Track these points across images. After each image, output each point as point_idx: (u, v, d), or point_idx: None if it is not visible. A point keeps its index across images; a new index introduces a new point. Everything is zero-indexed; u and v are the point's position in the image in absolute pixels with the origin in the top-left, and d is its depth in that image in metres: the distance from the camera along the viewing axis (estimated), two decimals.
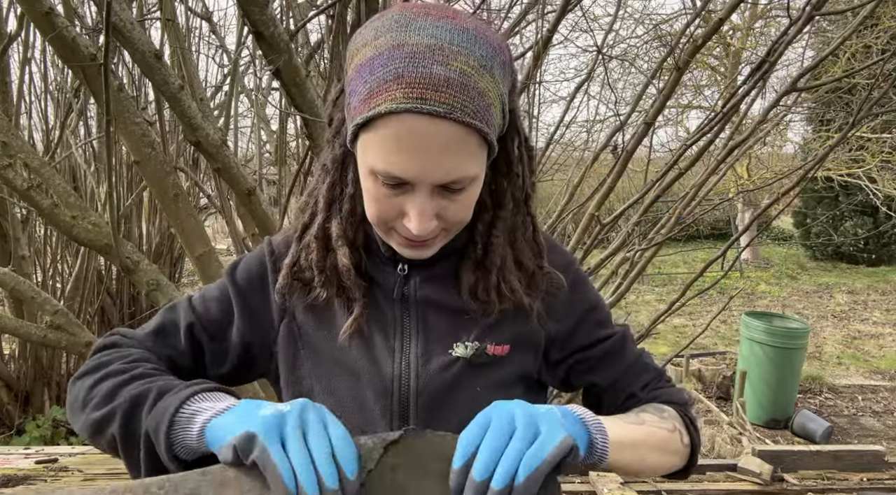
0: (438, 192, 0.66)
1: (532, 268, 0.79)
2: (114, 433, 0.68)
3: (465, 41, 0.62)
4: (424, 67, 0.60)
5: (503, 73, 0.66)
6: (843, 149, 7.44)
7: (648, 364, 0.89)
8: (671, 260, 9.61)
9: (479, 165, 0.67)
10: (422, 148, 0.62)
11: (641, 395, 0.85)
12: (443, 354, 0.76)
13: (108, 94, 1.49)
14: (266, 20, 1.67)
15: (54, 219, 2.08)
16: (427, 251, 0.73)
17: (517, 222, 0.78)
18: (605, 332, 0.86)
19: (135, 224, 4.54)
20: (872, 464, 1.71)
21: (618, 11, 3.62)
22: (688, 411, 0.85)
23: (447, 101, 0.60)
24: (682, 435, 0.80)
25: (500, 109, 0.66)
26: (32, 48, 3.28)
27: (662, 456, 0.77)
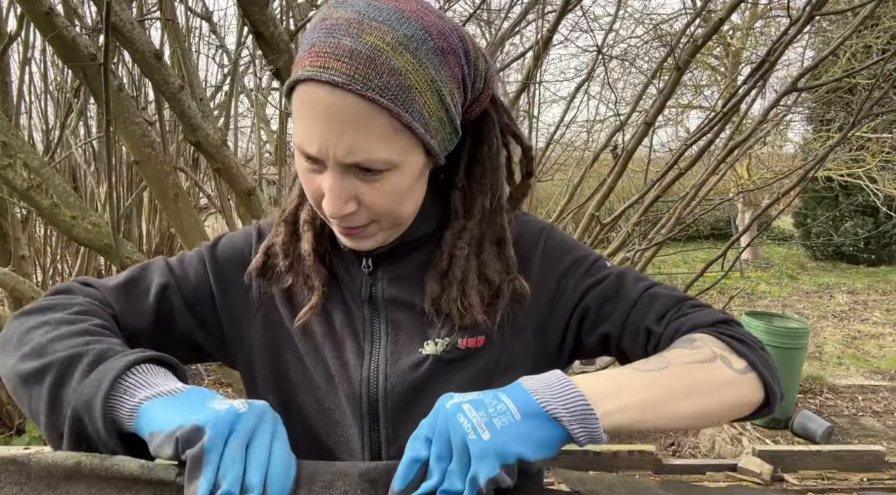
0: (353, 173, 0.64)
1: (498, 281, 0.74)
2: (39, 392, 0.62)
3: (391, 19, 0.60)
4: (335, 38, 0.60)
5: (438, 60, 0.62)
6: (843, 149, 7.44)
7: (660, 292, 0.76)
8: (671, 260, 9.60)
9: (394, 151, 0.63)
10: (322, 118, 0.61)
11: (658, 329, 0.72)
12: (413, 353, 0.75)
13: (108, 94, 1.49)
14: (266, 20, 1.67)
15: (54, 219, 2.08)
16: (363, 242, 0.72)
17: (485, 233, 0.75)
18: (596, 278, 0.77)
19: (135, 224, 4.54)
20: (872, 464, 1.71)
21: (618, 11, 3.62)
22: (727, 329, 0.70)
23: (348, 72, 0.59)
24: (730, 360, 0.66)
25: (433, 98, 0.63)
26: (32, 48, 3.28)
27: (708, 397, 0.64)
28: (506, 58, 4.08)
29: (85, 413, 0.58)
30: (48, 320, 0.68)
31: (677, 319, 0.72)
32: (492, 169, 0.74)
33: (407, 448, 0.57)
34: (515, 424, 0.55)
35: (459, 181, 0.74)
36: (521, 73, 4.20)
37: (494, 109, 0.75)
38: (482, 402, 0.56)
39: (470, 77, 0.67)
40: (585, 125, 6.01)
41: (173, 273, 0.80)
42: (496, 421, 0.54)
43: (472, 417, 0.55)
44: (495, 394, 0.57)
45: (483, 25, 4.45)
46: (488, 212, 0.75)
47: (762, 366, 0.68)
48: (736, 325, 0.72)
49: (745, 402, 0.67)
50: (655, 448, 1.64)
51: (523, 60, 3.81)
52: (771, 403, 0.69)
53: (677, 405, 0.62)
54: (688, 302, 0.75)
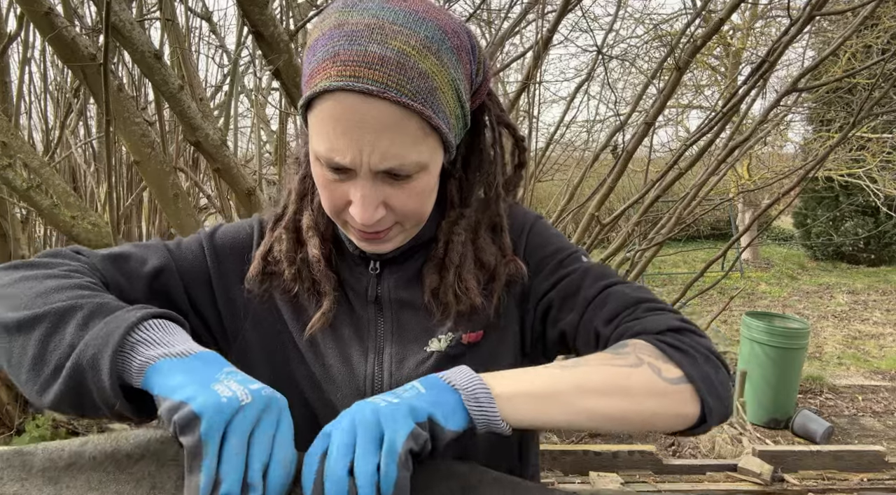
0: (382, 179, 0.64)
1: (493, 264, 0.75)
2: (26, 342, 0.58)
3: (409, 21, 0.60)
4: (360, 45, 0.59)
5: (455, 58, 0.63)
6: (843, 149, 7.44)
7: (618, 292, 0.72)
8: (671, 260, 9.61)
9: (424, 153, 0.64)
10: (356, 128, 0.60)
11: (606, 331, 0.70)
12: (418, 352, 0.75)
13: (107, 94, 1.49)
14: (266, 20, 1.67)
15: (54, 219, 2.08)
16: (384, 245, 0.71)
17: (482, 220, 0.76)
18: (564, 271, 0.76)
19: (135, 224, 4.54)
20: (873, 464, 1.71)
21: (618, 11, 3.62)
22: (673, 338, 0.66)
23: (381, 79, 0.58)
24: (660, 368, 0.63)
25: (453, 96, 0.64)
26: (32, 48, 3.28)
27: (624, 401, 0.61)
28: (506, 58, 4.08)
29: (90, 365, 0.55)
30: (37, 275, 0.65)
31: (627, 322, 0.69)
32: (488, 158, 0.75)
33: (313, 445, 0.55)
34: (420, 395, 0.56)
35: (456, 171, 0.75)
36: (521, 73, 4.20)
37: (490, 101, 0.76)
38: (391, 392, 0.58)
39: (476, 72, 0.69)
40: (585, 125, 6.01)
41: (172, 255, 0.78)
42: (404, 395, 0.57)
43: (379, 398, 0.56)
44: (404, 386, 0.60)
45: (483, 25, 4.45)
46: (484, 200, 0.76)
47: (700, 379, 0.63)
48: (690, 334, 0.68)
49: (672, 414, 0.63)
50: (655, 448, 1.64)
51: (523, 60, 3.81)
52: (708, 420, 0.64)
53: (585, 401, 0.60)
54: (644, 304, 0.71)
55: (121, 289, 0.73)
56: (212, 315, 0.80)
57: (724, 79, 8.23)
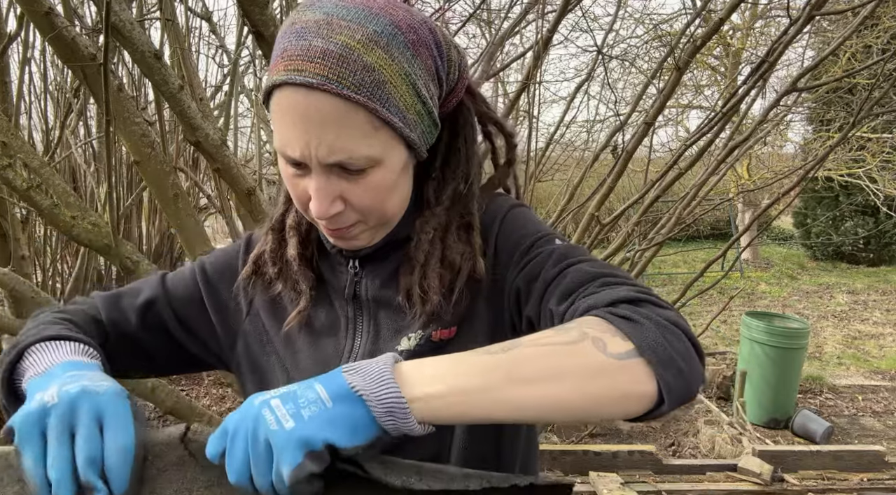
0: (337, 173, 0.64)
1: (459, 262, 0.72)
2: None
3: (359, 17, 0.61)
4: (306, 40, 0.60)
5: (410, 53, 0.63)
6: (843, 149, 7.44)
7: (575, 269, 0.66)
8: (671, 260, 9.60)
9: (375, 147, 0.63)
10: (301, 121, 0.61)
11: (558, 310, 0.64)
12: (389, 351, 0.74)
13: (107, 94, 1.49)
14: (266, 20, 1.67)
15: (54, 219, 2.08)
16: (352, 242, 0.73)
17: (452, 219, 0.74)
18: (531, 255, 0.71)
19: (135, 224, 4.54)
20: (872, 464, 1.71)
21: (618, 11, 3.62)
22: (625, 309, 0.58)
23: (322, 72, 0.59)
24: (606, 342, 0.54)
25: (408, 91, 0.63)
26: (32, 48, 3.28)
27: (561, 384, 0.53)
28: (506, 58, 4.08)
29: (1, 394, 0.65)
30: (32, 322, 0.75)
31: (581, 299, 0.62)
32: (467, 158, 0.74)
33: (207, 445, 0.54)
34: (325, 411, 0.51)
35: (434, 172, 0.74)
36: (521, 73, 4.20)
37: (471, 99, 0.75)
38: (293, 394, 0.53)
39: (444, 68, 0.68)
40: (585, 125, 6.02)
41: (165, 288, 0.84)
42: (304, 412, 0.51)
43: (277, 410, 0.51)
44: (310, 384, 0.54)
45: (483, 25, 4.46)
46: (458, 199, 0.75)
47: (653, 351, 0.54)
48: (647, 304, 0.59)
49: (619, 395, 0.54)
50: (655, 448, 1.64)
51: (523, 60, 3.81)
52: (666, 400, 0.54)
53: (515, 392, 0.53)
54: (600, 279, 0.64)
55: (117, 322, 0.81)
56: (210, 339, 0.84)
57: (724, 79, 8.23)
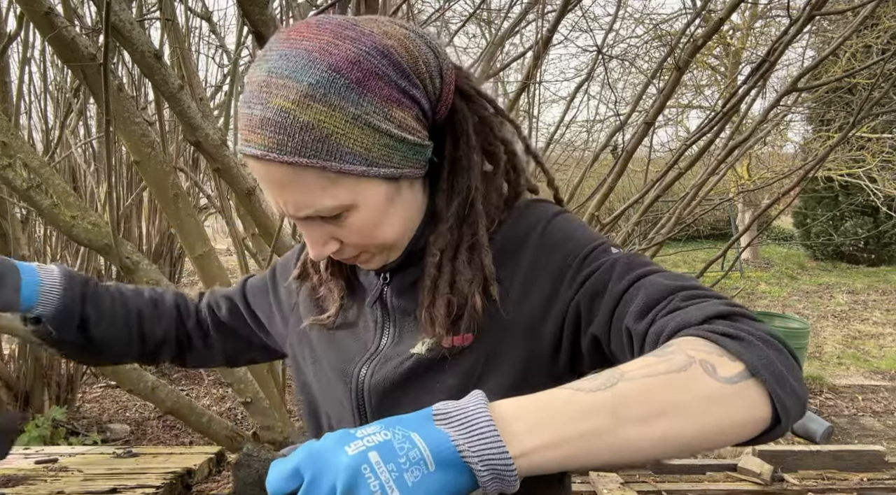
0: (322, 221, 0.67)
1: (467, 293, 0.69)
2: None
3: (296, 70, 0.59)
4: (250, 108, 0.61)
5: (356, 92, 0.60)
6: (843, 149, 7.44)
7: (650, 282, 0.62)
8: (671, 260, 9.60)
9: (340, 196, 0.63)
10: (266, 185, 0.65)
11: (639, 328, 0.59)
12: (403, 354, 0.75)
13: (107, 94, 1.49)
14: (266, 20, 1.67)
15: (54, 219, 2.08)
16: (368, 265, 0.76)
17: (462, 237, 0.72)
18: (590, 268, 0.67)
19: (135, 224, 4.54)
20: (872, 464, 1.71)
21: (618, 11, 3.62)
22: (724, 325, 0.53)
23: (263, 143, 0.60)
24: (715, 365, 0.50)
25: (363, 132, 0.61)
26: (32, 48, 3.28)
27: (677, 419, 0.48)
28: (506, 58, 4.08)
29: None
30: None
31: (663, 316, 0.58)
32: (468, 169, 0.71)
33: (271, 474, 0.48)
34: (428, 477, 0.45)
35: (443, 183, 0.73)
36: (521, 73, 4.20)
37: (466, 103, 0.71)
38: (391, 448, 0.45)
39: (414, 85, 0.64)
40: (585, 125, 6.01)
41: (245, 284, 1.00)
42: (407, 476, 0.44)
43: (378, 470, 0.44)
44: (405, 432, 0.46)
45: (483, 25, 4.46)
46: (464, 216, 0.72)
47: (767, 369, 0.50)
48: (742, 318, 0.55)
49: (739, 423, 0.50)
50: None
51: (523, 60, 3.81)
52: (782, 421, 0.50)
53: (625, 435, 0.48)
54: (681, 293, 0.60)
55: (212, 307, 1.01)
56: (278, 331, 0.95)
57: (724, 79, 8.23)
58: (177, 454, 1.30)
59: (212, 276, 2.27)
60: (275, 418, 2.45)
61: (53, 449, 1.71)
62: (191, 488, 1.30)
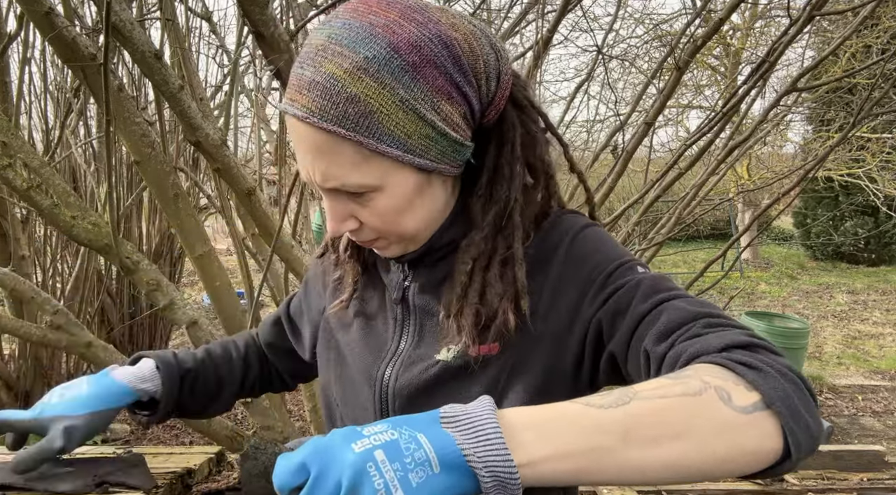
0: (345, 195, 0.66)
1: (497, 306, 0.68)
2: None
3: (354, 41, 0.59)
4: (302, 69, 0.61)
5: (409, 76, 0.60)
6: (843, 149, 7.44)
7: (673, 306, 0.61)
8: (671, 260, 9.60)
9: (369, 176, 0.63)
10: (300, 149, 0.64)
11: (657, 351, 0.58)
12: (428, 359, 0.74)
13: (107, 94, 1.49)
14: (266, 20, 1.67)
15: (54, 219, 2.08)
16: (384, 252, 0.76)
17: (496, 249, 0.70)
18: (615, 286, 0.66)
19: (135, 224, 4.54)
20: (872, 464, 1.71)
21: (618, 11, 3.62)
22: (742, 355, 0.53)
23: (307, 105, 0.60)
24: (731, 393, 0.49)
25: (406, 117, 0.61)
26: (32, 48, 3.28)
27: (686, 443, 0.48)
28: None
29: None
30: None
31: (683, 341, 0.58)
32: (509, 179, 0.70)
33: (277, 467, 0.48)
34: (433, 478, 0.45)
35: (480, 188, 0.71)
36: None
37: (517, 112, 0.71)
38: (396, 446, 0.45)
39: (469, 82, 0.64)
40: (585, 125, 6.01)
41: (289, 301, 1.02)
42: (412, 477, 0.44)
43: (384, 469, 0.44)
44: (412, 432, 0.47)
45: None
46: (500, 226, 0.71)
47: (781, 402, 0.49)
48: (763, 350, 0.55)
49: (749, 452, 0.49)
50: None
51: (523, 60, 3.81)
52: (792, 456, 0.49)
53: (635, 454, 0.47)
54: (703, 320, 0.59)
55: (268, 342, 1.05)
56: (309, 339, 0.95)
57: (724, 79, 8.22)
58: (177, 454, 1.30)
59: (212, 276, 2.27)
60: (275, 418, 2.45)
61: None
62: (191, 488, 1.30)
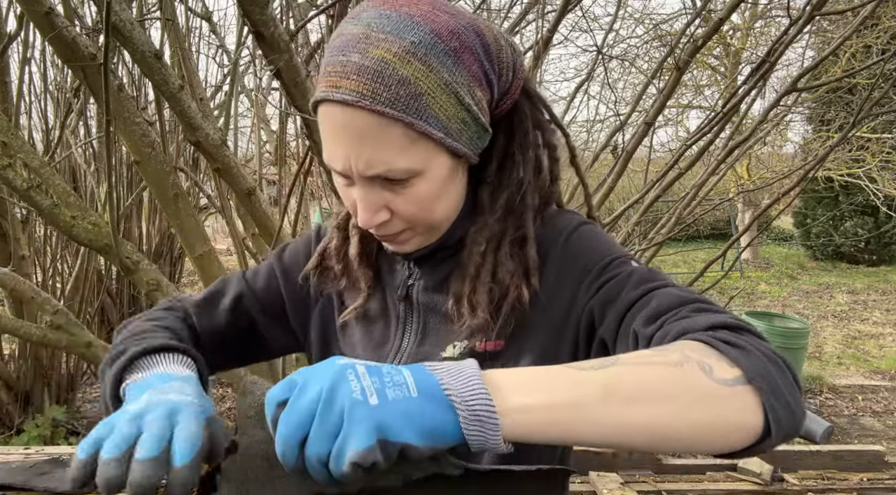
0: (380, 184, 0.65)
1: (507, 283, 0.71)
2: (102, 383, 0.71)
3: (398, 27, 0.61)
4: (344, 55, 0.61)
5: (452, 61, 0.62)
6: (843, 149, 7.44)
7: (663, 292, 0.64)
8: (671, 260, 9.60)
9: (414, 160, 0.63)
10: (341, 137, 0.63)
11: (645, 332, 0.61)
12: (433, 357, 0.74)
13: (107, 94, 1.49)
14: (266, 20, 1.67)
15: (54, 219, 2.08)
16: (403, 246, 0.74)
17: (506, 230, 0.72)
18: (607, 277, 0.69)
19: (135, 224, 4.54)
20: (872, 464, 1.71)
21: (618, 11, 3.62)
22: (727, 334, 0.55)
23: (357, 89, 0.60)
24: (712, 367, 0.51)
25: (449, 100, 0.63)
26: (32, 48, 3.28)
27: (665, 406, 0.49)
28: None
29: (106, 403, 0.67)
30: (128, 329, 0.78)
31: (672, 322, 0.60)
32: (522, 163, 0.73)
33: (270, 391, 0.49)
34: (409, 399, 0.46)
35: (489, 176, 0.73)
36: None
37: (528, 102, 0.74)
38: (378, 369, 0.48)
39: (493, 71, 0.66)
40: (585, 125, 6.01)
41: (247, 282, 0.88)
42: (389, 392, 0.46)
43: (363, 378, 0.47)
44: (396, 367, 0.49)
45: None
46: (512, 209, 0.73)
47: (764, 379, 0.50)
48: (747, 333, 0.56)
49: (729, 424, 0.50)
50: None
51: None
52: (772, 433, 0.50)
53: (612, 411, 0.48)
54: (692, 304, 0.61)
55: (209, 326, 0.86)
56: (292, 324, 0.89)
57: (724, 79, 8.23)
58: None
59: (212, 276, 2.27)
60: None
61: (53, 449, 1.71)
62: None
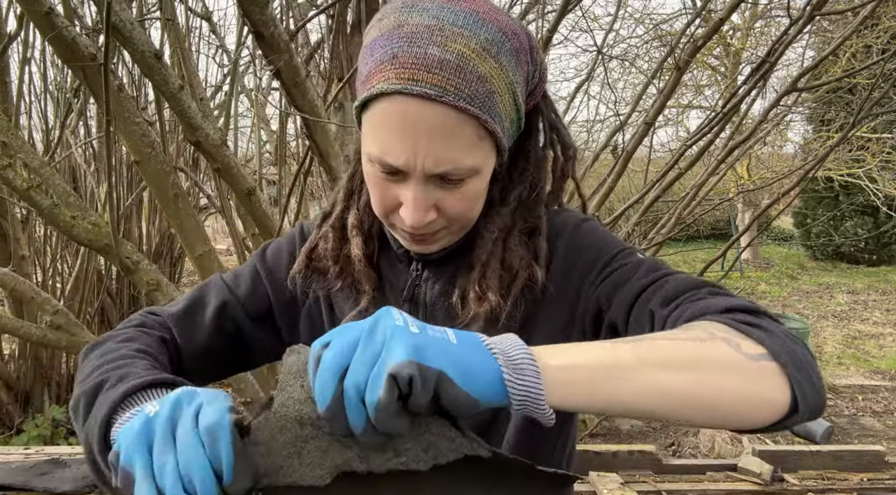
0: (435, 182, 0.63)
1: (517, 268, 0.71)
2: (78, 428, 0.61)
3: (470, 23, 0.60)
4: (420, 47, 0.58)
5: (514, 61, 0.63)
6: (843, 149, 7.44)
7: (681, 278, 0.65)
8: (671, 260, 9.56)
9: (478, 157, 0.63)
10: (411, 132, 0.60)
11: (663, 312, 0.62)
12: None
13: (107, 94, 1.49)
14: (266, 20, 1.67)
15: (54, 219, 2.08)
16: (431, 246, 0.72)
17: (517, 222, 0.73)
18: (613, 267, 0.70)
19: (135, 224, 4.54)
20: (872, 464, 1.71)
21: (618, 11, 3.63)
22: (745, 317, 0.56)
23: (439, 83, 0.58)
24: (739, 343, 0.52)
25: (510, 99, 0.63)
26: (32, 48, 3.28)
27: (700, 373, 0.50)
28: None
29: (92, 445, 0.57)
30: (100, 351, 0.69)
31: (689, 303, 0.61)
32: (535, 161, 0.74)
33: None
34: (448, 342, 0.46)
35: (501, 172, 0.73)
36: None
37: (544, 103, 0.75)
38: (424, 324, 0.49)
39: (534, 74, 0.67)
40: (585, 125, 6.02)
41: (230, 288, 0.83)
42: (430, 332, 0.47)
43: (406, 316, 0.48)
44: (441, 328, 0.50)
45: None
46: (524, 203, 0.74)
47: (789, 357, 0.52)
48: (764, 316, 0.58)
49: (758, 398, 0.51)
50: (655, 448, 1.64)
51: None
52: (800, 408, 0.51)
53: (648, 375, 0.49)
54: (707, 288, 0.63)
55: (192, 337, 0.79)
56: (278, 323, 0.84)
57: (724, 79, 8.22)
58: None
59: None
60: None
61: (53, 449, 1.71)
62: None
